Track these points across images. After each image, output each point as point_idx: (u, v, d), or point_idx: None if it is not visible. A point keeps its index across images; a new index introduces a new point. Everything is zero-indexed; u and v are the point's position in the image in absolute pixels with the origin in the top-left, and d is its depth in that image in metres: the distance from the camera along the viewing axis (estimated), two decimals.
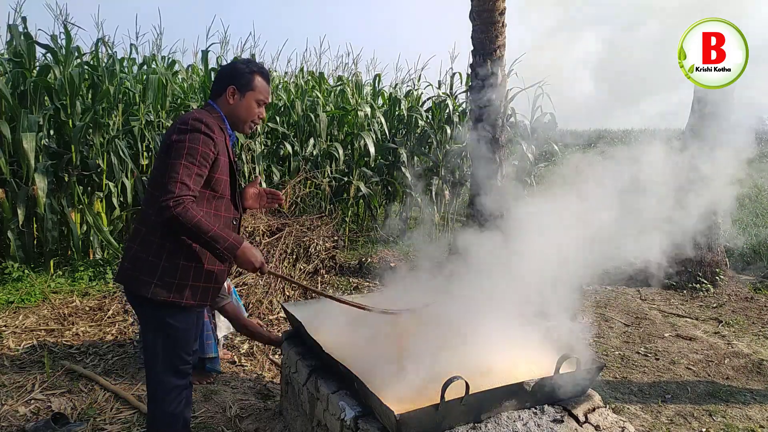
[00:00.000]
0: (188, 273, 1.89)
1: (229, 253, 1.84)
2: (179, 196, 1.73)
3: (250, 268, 1.91)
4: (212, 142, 1.84)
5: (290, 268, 4.77)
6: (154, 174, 1.93)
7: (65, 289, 4.57)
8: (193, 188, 1.79)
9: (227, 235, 1.82)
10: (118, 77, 5.55)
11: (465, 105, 7.67)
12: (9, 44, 5.08)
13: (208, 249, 1.85)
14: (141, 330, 1.97)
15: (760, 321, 4.61)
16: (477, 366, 1.94)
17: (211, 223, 1.80)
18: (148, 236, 1.87)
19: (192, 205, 1.76)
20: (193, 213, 1.75)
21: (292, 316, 2.49)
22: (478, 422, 1.74)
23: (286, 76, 7.99)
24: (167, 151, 1.81)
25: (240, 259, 1.88)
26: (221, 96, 1.98)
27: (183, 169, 1.76)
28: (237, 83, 1.97)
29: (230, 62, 2.06)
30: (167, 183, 1.74)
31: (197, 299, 1.92)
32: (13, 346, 3.49)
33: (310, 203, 6.64)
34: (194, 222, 1.74)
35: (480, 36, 5.20)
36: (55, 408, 2.73)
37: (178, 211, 1.72)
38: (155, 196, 1.85)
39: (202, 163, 1.81)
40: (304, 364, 2.30)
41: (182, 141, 1.79)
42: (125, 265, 1.90)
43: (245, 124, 2.03)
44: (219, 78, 2.01)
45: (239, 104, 1.98)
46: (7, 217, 4.68)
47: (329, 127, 7.11)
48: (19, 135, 4.49)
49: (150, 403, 1.99)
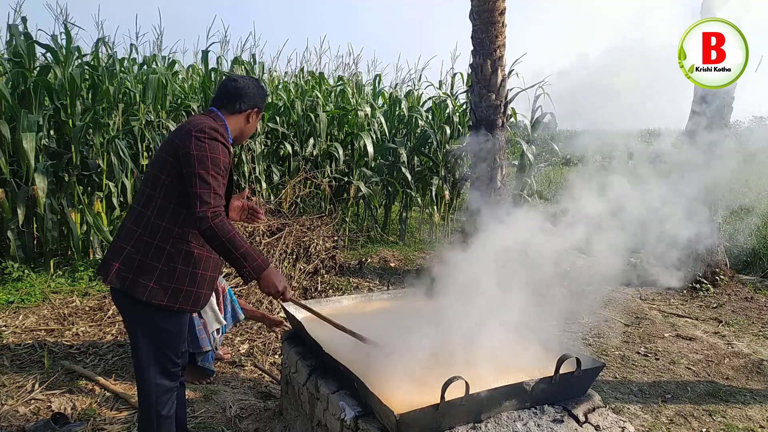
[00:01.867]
0: (185, 278, 1.88)
1: (254, 274, 1.83)
2: (216, 207, 1.75)
3: (273, 291, 1.91)
4: (228, 152, 1.87)
5: (290, 268, 4.77)
6: (152, 173, 1.90)
7: (65, 289, 4.57)
8: (223, 199, 1.82)
9: (257, 255, 1.83)
10: (118, 77, 5.56)
11: (465, 105, 7.66)
12: (9, 44, 5.08)
13: (233, 265, 1.83)
14: (130, 332, 1.94)
15: (760, 321, 4.61)
16: (477, 366, 1.94)
17: (243, 240, 1.80)
18: (146, 238, 1.85)
19: (226, 218, 1.79)
20: (229, 227, 1.77)
21: (292, 317, 2.49)
22: (478, 422, 1.74)
23: (286, 76, 8.00)
24: (183, 158, 1.80)
25: (264, 281, 1.88)
26: (239, 113, 1.99)
27: (213, 180, 1.77)
28: (260, 107, 2.04)
29: (250, 81, 2.02)
30: (201, 194, 1.75)
31: (189, 304, 1.91)
32: (13, 346, 3.49)
33: (310, 203, 6.64)
34: (229, 236, 1.76)
35: (480, 36, 5.20)
36: (55, 408, 2.73)
37: (216, 222, 1.74)
38: (153, 196, 1.85)
39: (224, 174, 1.84)
40: (304, 364, 2.30)
41: (204, 151, 1.79)
42: (116, 265, 1.85)
43: (245, 140, 2.11)
44: (240, 94, 1.98)
45: (254, 125, 2.06)
46: (7, 217, 4.68)
47: (329, 127, 7.11)
48: (19, 135, 4.49)
49: (142, 406, 1.99)
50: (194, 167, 1.77)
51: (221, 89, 2.02)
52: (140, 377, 1.96)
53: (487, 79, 5.22)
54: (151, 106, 5.74)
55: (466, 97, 7.60)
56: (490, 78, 5.21)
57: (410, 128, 7.73)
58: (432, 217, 7.49)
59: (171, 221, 1.85)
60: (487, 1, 5.07)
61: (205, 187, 1.75)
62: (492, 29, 5.15)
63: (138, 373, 1.96)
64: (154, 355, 1.92)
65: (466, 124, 7.40)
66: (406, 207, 7.58)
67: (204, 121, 1.86)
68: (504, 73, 5.31)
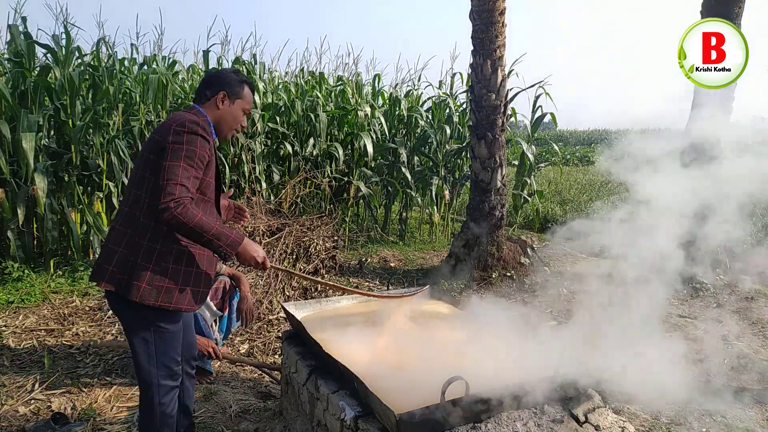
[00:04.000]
0: (177, 276, 1.88)
1: (231, 250, 1.84)
2: (180, 197, 1.74)
3: (253, 263, 1.92)
4: (208, 145, 1.86)
5: (290, 268, 4.77)
6: (137, 173, 1.90)
7: (65, 289, 4.57)
8: (191, 190, 1.80)
9: (228, 233, 1.83)
10: (118, 77, 5.55)
11: (465, 105, 7.66)
12: (9, 44, 5.08)
13: (209, 248, 1.85)
14: (127, 334, 1.94)
15: (760, 321, 4.61)
16: (477, 366, 1.94)
17: (211, 221, 1.80)
18: (136, 239, 1.85)
19: (191, 205, 1.77)
20: (194, 212, 1.76)
21: (292, 316, 2.49)
22: (478, 422, 1.74)
23: (286, 76, 8.00)
24: (161, 153, 1.80)
25: (242, 256, 1.89)
26: (208, 101, 1.99)
27: (182, 171, 1.76)
28: (228, 89, 2.00)
29: (218, 70, 2.08)
30: (166, 185, 1.74)
31: (185, 303, 1.91)
32: (13, 346, 3.49)
33: (310, 203, 6.64)
34: (195, 221, 1.75)
35: (480, 36, 5.20)
36: (55, 408, 2.73)
37: (178, 211, 1.72)
38: (140, 196, 1.85)
39: (199, 166, 1.83)
40: (304, 364, 2.30)
41: (180, 143, 1.79)
42: (109, 268, 1.85)
43: (229, 131, 2.06)
44: (207, 83, 2.02)
45: (228, 110, 2.01)
46: (7, 217, 4.68)
47: (329, 127, 7.11)
48: (19, 135, 4.49)
49: (143, 406, 1.99)
50: (166, 159, 1.77)
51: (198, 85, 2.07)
52: (141, 378, 1.96)
53: (487, 79, 5.21)
54: (151, 106, 5.74)
55: (466, 97, 7.60)
56: (490, 78, 5.21)
57: (410, 128, 7.73)
58: (432, 217, 7.49)
59: (160, 219, 1.81)
60: (487, 1, 5.07)
61: (171, 179, 1.74)
62: (492, 29, 5.15)
63: (138, 374, 1.96)
64: (154, 356, 1.92)
65: (466, 124, 7.40)
66: (406, 207, 7.57)
67: (184, 116, 1.87)
68: (504, 73, 5.30)
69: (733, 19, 5.53)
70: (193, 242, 1.87)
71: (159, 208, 1.73)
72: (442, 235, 7.58)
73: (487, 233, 5.34)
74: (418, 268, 6.00)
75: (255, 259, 1.91)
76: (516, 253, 5.45)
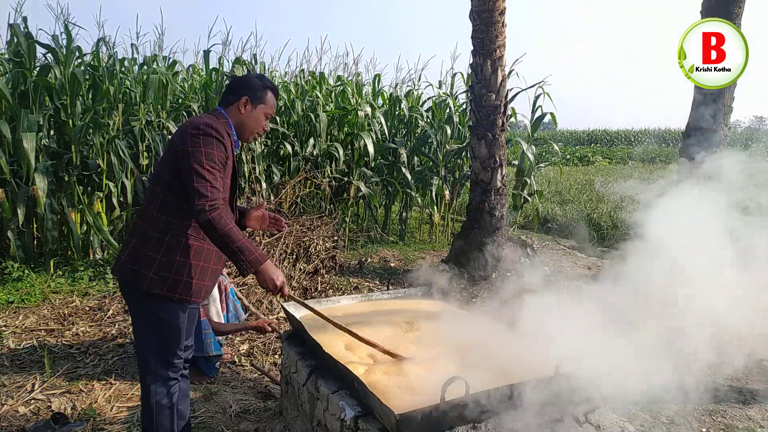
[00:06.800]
0: (183, 269, 1.94)
1: (251, 267, 1.84)
2: (213, 200, 1.79)
3: (271, 286, 1.90)
4: (223, 146, 1.91)
5: (290, 268, 4.77)
6: (156, 170, 2.00)
7: (65, 289, 4.57)
8: (221, 192, 1.86)
9: (253, 249, 1.84)
10: (118, 77, 5.55)
11: (465, 105, 7.66)
12: (9, 44, 5.09)
13: (231, 258, 1.85)
14: (133, 324, 2.05)
15: None
16: (477, 366, 1.94)
17: (240, 233, 1.83)
18: (148, 231, 1.93)
19: (225, 211, 1.82)
20: (227, 220, 1.80)
21: (292, 317, 2.49)
22: (478, 422, 1.73)
23: (287, 76, 8.00)
24: (180, 155, 1.86)
25: (261, 276, 1.89)
26: (232, 105, 2.04)
27: (209, 174, 1.82)
28: (251, 95, 2.05)
29: (245, 75, 2.13)
30: (199, 187, 1.79)
31: (189, 295, 1.96)
32: (13, 346, 3.50)
33: (310, 203, 6.64)
34: (226, 229, 1.79)
35: (480, 36, 5.20)
36: (55, 408, 2.74)
37: (213, 215, 1.77)
38: (156, 192, 1.94)
39: (220, 168, 1.89)
40: (304, 364, 2.30)
41: (198, 146, 1.85)
42: (123, 258, 1.96)
43: (251, 135, 2.12)
44: (232, 88, 2.08)
45: (250, 115, 2.06)
46: (7, 217, 4.68)
47: (329, 127, 7.11)
48: (19, 135, 4.49)
49: (143, 397, 2.04)
50: (190, 163, 1.83)
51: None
52: (141, 366, 2.03)
53: (487, 79, 5.21)
54: (151, 106, 5.74)
55: (466, 97, 7.60)
56: (490, 78, 5.21)
57: (410, 128, 7.73)
58: (432, 217, 7.49)
59: (171, 214, 1.92)
60: (487, 1, 5.07)
61: (201, 181, 1.81)
62: (492, 29, 5.15)
63: (139, 362, 2.04)
64: (154, 344, 1.99)
65: (466, 124, 7.39)
66: (406, 207, 7.57)
67: (202, 119, 1.92)
68: (504, 73, 5.30)
69: (733, 19, 5.53)
70: (210, 243, 1.91)
71: (194, 209, 1.79)
72: (442, 235, 7.58)
73: (488, 233, 5.34)
74: (418, 268, 6.00)
75: (273, 281, 1.89)
76: (516, 253, 5.45)
